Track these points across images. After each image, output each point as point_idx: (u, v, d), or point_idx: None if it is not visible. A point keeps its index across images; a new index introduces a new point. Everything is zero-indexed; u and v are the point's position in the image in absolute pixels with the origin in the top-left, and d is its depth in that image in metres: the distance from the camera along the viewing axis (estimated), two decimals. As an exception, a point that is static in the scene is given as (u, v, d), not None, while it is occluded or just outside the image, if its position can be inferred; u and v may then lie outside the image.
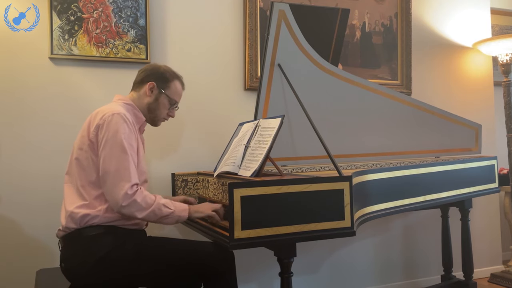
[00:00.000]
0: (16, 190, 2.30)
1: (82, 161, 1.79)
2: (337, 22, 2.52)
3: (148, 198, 1.72)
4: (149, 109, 1.97)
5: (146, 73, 1.98)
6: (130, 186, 1.68)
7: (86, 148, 1.79)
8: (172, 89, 1.99)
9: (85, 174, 1.78)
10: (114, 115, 1.78)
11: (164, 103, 1.98)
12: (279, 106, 2.29)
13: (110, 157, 1.72)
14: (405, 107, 2.67)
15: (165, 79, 1.98)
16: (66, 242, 1.79)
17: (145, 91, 1.95)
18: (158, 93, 1.96)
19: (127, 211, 1.68)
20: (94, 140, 1.77)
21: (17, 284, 2.25)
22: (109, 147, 1.73)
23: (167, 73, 1.99)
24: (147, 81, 1.95)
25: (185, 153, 2.63)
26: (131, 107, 1.92)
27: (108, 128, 1.75)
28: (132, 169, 1.73)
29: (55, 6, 2.35)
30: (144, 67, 2.03)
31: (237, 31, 2.77)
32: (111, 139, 1.73)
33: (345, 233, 1.74)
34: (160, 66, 2.01)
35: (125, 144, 1.74)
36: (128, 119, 1.81)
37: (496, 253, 3.54)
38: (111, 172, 1.70)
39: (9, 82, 2.32)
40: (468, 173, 2.69)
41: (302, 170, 2.44)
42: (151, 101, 1.96)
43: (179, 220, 1.78)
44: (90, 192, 1.76)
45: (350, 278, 3.04)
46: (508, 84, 3.26)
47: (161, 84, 1.96)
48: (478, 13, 3.51)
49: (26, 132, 2.34)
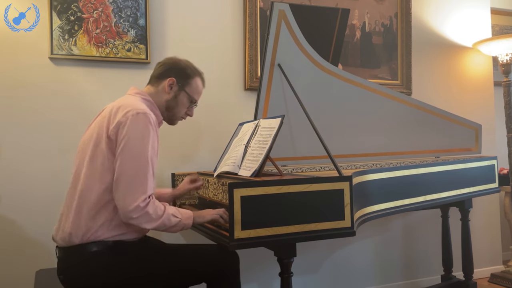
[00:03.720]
0: (16, 190, 2.30)
1: (97, 159, 1.63)
2: (337, 22, 2.52)
3: (159, 209, 1.61)
4: (167, 107, 1.84)
5: (165, 67, 1.85)
6: (144, 199, 1.57)
7: (103, 146, 1.63)
8: (193, 86, 1.87)
9: (97, 174, 1.63)
10: (139, 114, 1.63)
11: (183, 101, 1.86)
12: (279, 106, 2.29)
13: (130, 161, 1.58)
14: (405, 107, 2.67)
15: (186, 75, 1.85)
16: (68, 254, 1.66)
17: (164, 87, 1.82)
18: (178, 90, 1.84)
19: (137, 222, 1.58)
20: (114, 138, 1.62)
21: (17, 284, 2.25)
22: (131, 150, 1.59)
23: (188, 68, 1.86)
24: (167, 76, 1.82)
25: (185, 153, 2.62)
26: (149, 103, 1.79)
27: (132, 129, 1.60)
28: (150, 179, 1.61)
29: (55, 6, 2.35)
30: (164, 60, 1.89)
31: (237, 31, 2.77)
32: (135, 143, 1.59)
33: (345, 233, 1.74)
34: (181, 61, 1.88)
35: (149, 150, 1.61)
36: (154, 120, 1.67)
37: (496, 253, 3.54)
38: (127, 178, 1.57)
39: (9, 82, 2.32)
40: (468, 173, 2.69)
41: (302, 170, 2.44)
42: (169, 99, 1.83)
43: (185, 228, 1.71)
44: (100, 199, 1.62)
45: (350, 278, 3.04)
46: (508, 84, 3.26)
47: (181, 80, 1.84)
48: (478, 13, 3.51)
49: (26, 132, 2.33)
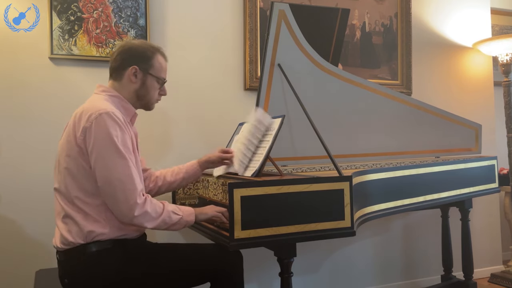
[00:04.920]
0: (16, 190, 2.30)
1: (72, 170, 1.59)
2: (337, 22, 2.52)
3: (157, 207, 1.60)
4: (138, 96, 1.75)
5: (122, 56, 1.73)
6: (138, 195, 1.55)
7: (75, 155, 1.58)
8: (156, 67, 1.75)
9: (78, 184, 1.59)
10: (101, 115, 1.57)
11: (153, 85, 1.76)
12: (279, 106, 2.29)
13: (108, 165, 1.54)
14: (405, 107, 2.67)
15: (147, 58, 1.73)
16: (71, 256, 1.62)
17: (128, 78, 1.72)
18: (144, 76, 1.73)
19: (138, 222, 1.56)
20: (83, 145, 1.57)
21: (17, 284, 2.25)
22: (104, 153, 1.54)
23: (146, 50, 1.74)
24: (128, 65, 1.71)
25: (185, 153, 2.62)
26: (117, 99, 1.71)
27: (97, 132, 1.55)
28: (134, 174, 1.57)
29: (55, 6, 2.35)
30: (118, 49, 1.75)
31: (237, 31, 2.77)
32: (104, 145, 1.54)
33: (345, 233, 1.74)
34: (134, 44, 1.77)
35: (121, 147, 1.55)
36: (118, 117, 1.60)
37: (496, 253, 3.54)
38: (113, 182, 1.53)
39: (9, 82, 2.31)
40: (468, 173, 2.69)
41: (302, 170, 2.44)
42: (138, 87, 1.73)
43: (187, 225, 1.70)
44: (89, 204, 1.59)
45: (350, 278, 3.04)
46: (508, 84, 3.26)
47: (143, 65, 1.73)
48: (478, 13, 3.51)
49: (26, 132, 2.33)
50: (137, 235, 1.72)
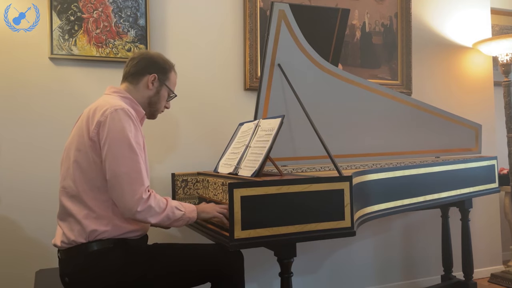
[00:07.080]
0: (16, 190, 2.30)
1: (82, 164, 1.62)
2: (337, 22, 2.52)
3: (161, 202, 1.63)
4: (150, 103, 1.84)
5: (143, 63, 1.82)
6: (144, 190, 1.57)
7: (86, 149, 1.62)
8: (171, 80, 1.89)
9: (86, 179, 1.62)
10: (117, 110, 1.62)
11: (164, 95, 1.87)
12: (279, 106, 2.29)
13: (118, 158, 1.57)
14: (405, 107, 2.67)
15: (166, 70, 1.86)
16: (72, 254, 1.64)
17: (145, 84, 1.81)
18: (159, 86, 1.84)
19: (141, 217, 1.58)
20: (96, 139, 1.61)
21: (17, 284, 2.25)
22: (116, 147, 1.58)
23: (165, 63, 1.87)
24: (147, 72, 1.81)
25: (185, 153, 2.62)
26: (129, 100, 1.77)
27: (112, 125, 1.59)
28: (143, 170, 1.61)
29: (55, 6, 2.35)
30: (137, 56, 1.86)
31: (237, 31, 2.77)
32: (117, 138, 1.58)
33: (345, 233, 1.74)
34: (154, 54, 1.87)
35: (133, 143, 1.60)
36: (133, 114, 1.66)
37: (496, 253, 3.54)
38: (121, 175, 1.56)
39: (9, 82, 2.32)
40: (468, 173, 2.69)
41: (302, 170, 2.44)
42: (152, 94, 1.83)
43: (189, 221, 1.72)
44: (95, 199, 1.62)
45: (350, 278, 3.04)
46: (508, 84, 3.26)
47: (162, 76, 1.84)
48: (478, 13, 3.51)
49: (26, 132, 2.33)
50: (139, 235, 1.72)
